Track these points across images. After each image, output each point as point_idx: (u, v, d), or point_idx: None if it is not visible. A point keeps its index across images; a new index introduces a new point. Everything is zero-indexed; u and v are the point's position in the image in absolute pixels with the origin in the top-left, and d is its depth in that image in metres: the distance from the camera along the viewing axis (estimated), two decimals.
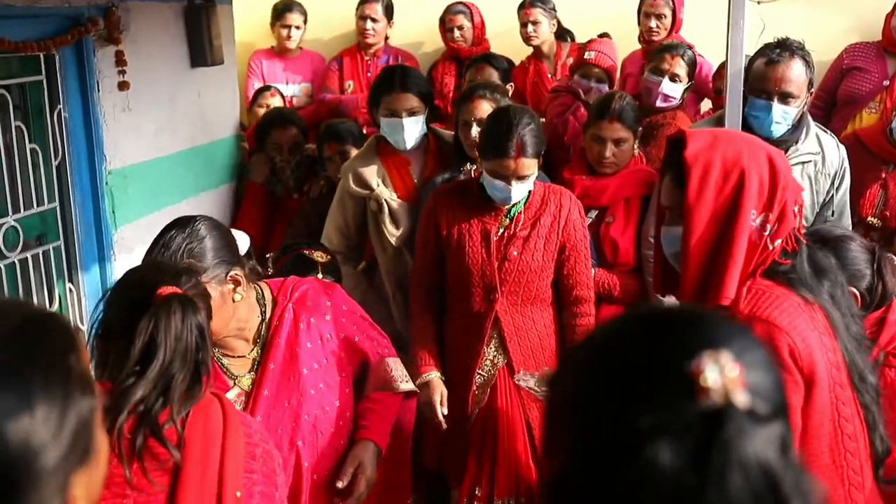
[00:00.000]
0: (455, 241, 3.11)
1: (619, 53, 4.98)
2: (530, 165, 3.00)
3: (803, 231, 2.04)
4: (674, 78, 4.18)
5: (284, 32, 5.51)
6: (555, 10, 5.27)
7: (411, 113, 3.61)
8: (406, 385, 2.58)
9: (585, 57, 4.53)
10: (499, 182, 3.01)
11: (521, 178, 3.00)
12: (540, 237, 3.09)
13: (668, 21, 4.96)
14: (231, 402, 1.89)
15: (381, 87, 3.70)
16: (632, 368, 0.96)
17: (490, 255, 3.08)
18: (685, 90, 4.25)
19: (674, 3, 4.98)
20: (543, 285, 3.14)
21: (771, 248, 1.91)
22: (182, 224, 2.21)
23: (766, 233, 1.90)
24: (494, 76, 4.47)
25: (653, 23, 4.95)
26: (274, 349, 2.33)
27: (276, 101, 5.07)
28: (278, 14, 5.55)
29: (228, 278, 2.20)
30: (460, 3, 5.39)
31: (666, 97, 4.19)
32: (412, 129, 3.62)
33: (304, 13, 5.58)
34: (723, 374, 0.91)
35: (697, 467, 0.88)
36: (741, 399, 0.90)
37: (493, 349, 3.14)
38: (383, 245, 3.66)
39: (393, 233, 3.62)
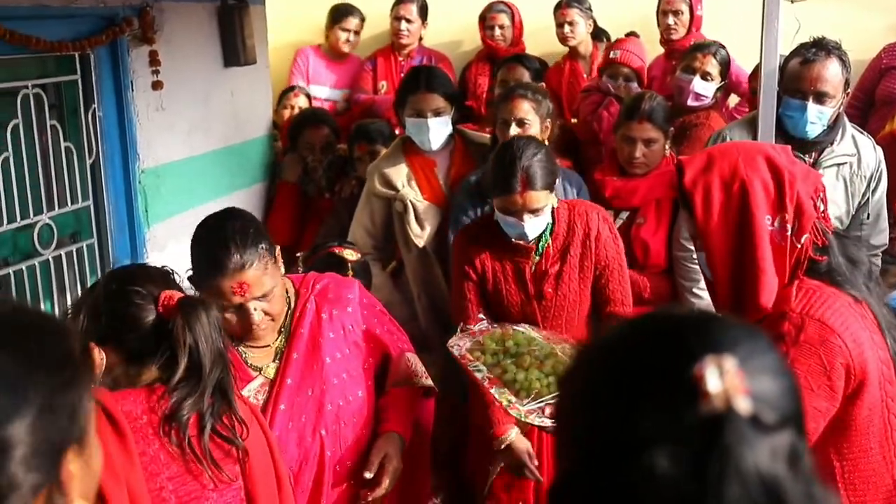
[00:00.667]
0: (491, 283, 2.99)
1: (647, 56, 4.96)
2: (540, 198, 2.83)
3: (832, 224, 2.03)
4: (705, 76, 4.15)
5: (343, 36, 5.46)
6: (591, 11, 5.25)
7: (437, 113, 3.61)
8: (427, 381, 2.56)
9: (612, 56, 4.51)
10: (510, 219, 2.86)
11: (532, 211, 2.84)
12: (573, 268, 2.95)
13: (685, 17, 4.94)
14: None
15: (407, 87, 3.71)
16: (636, 371, 0.95)
17: (528, 293, 2.97)
18: (717, 89, 4.21)
19: (691, 0, 4.95)
20: (584, 311, 3.02)
21: (799, 245, 1.89)
22: (222, 214, 2.30)
23: (789, 232, 1.88)
24: (526, 76, 4.46)
25: (670, 20, 4.94)
26: (297, 339, 2.36)
27: (300, 102, 5.06)
28: (337, 17, 5.49)
29: (276, 253, 2.30)
30: (502, 2, 5.37)
31: (697, 96, 4.15)
32: (437, 130, 3.62)
33: (363, 18, 5.54)
34: (724, 378, 0.89)
35: (696, 475, 0.86)
36: (743, 405, 0.88)
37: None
38: (409, 246, 3.65)
39: (418, 234, 3.61)
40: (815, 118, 3.16)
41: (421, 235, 3.61)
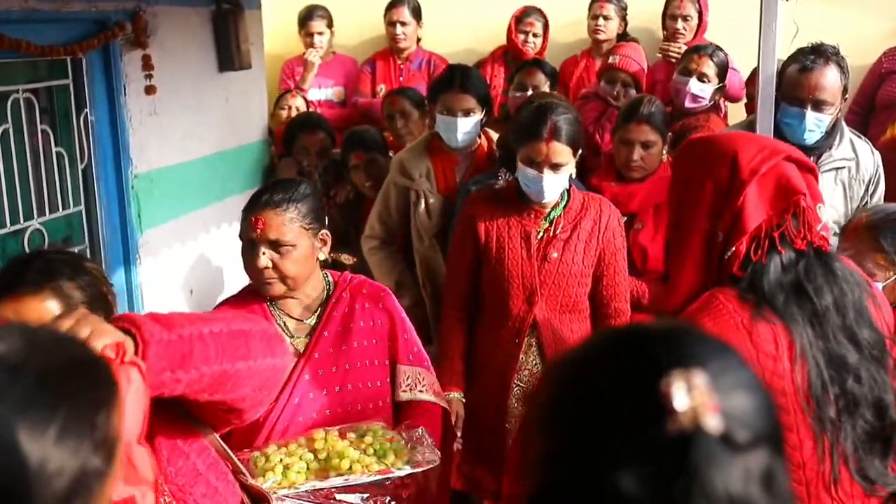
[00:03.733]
0: (494, 243, 3.04)
1: (648, 60, 4.94)
2: (563, 152, 2.92)
3: (819, 240, 1.88)
4: (702, 78, 4.14)
5: (308, 40, 5.49)
6: (626, 11, 5.25)
7: (467, 112, 3.70)
8: (405, 395, 2.56)
9: (610, 61, 4.50)
10: (531, 171, 2.93)
11: (553, 166, 2.92)
12: (580, 240, 3.02)
13: (693, 23, 4.94)
14: None
15: (441, 84, 3.81)
16: (603, 387, 0.91)
17: (531, 256, 3.00)
18: (715, 91, 4.19)
19: (700, 5, 4.93)
20: (582, 293, 3.06)
21: (727, 255, 1.82)
22: (289, 181, 2.51)
23: (719, 239, 1.84)
24: (543, 81, 4.44)
25: (679, 24, 4.93)
26: (330, 320, 2.48)
27: (298, 103, 5.05)
28: (302, 22, 5.55)
29: (320, 234, 2.44)
30: (538, 10, 5.36)
31: (694, 97, 4.14)
32: (465, 128, 3.70)
33: (328, 17, 5.55)
34: (693, 395, 0.84)
35: (661, 497, 0.82)
36: (713, 423, 0.84)
37: (531, 358, 3.06)
38: (420, 235, 3.78)
39: (426, 225, 3.74)
40: (814, 126, 3.14)
41: (428, 227, 3.74)
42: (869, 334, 1.79)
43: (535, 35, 5.31)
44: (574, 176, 3.10)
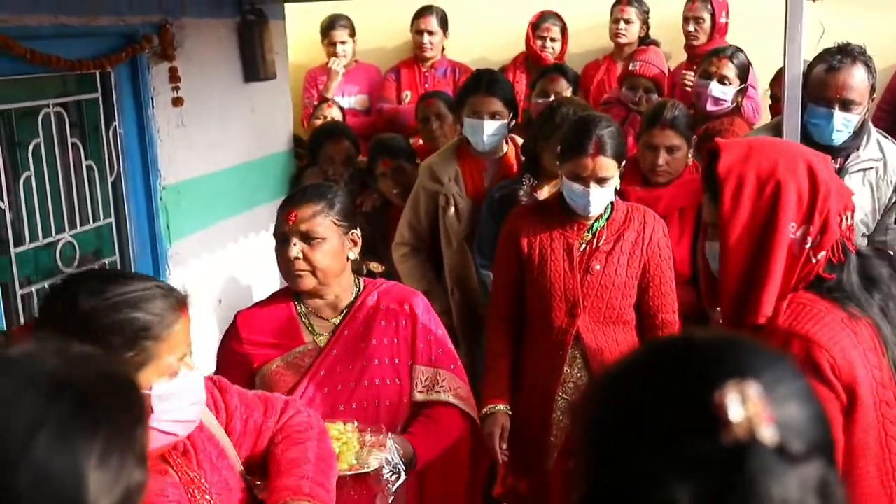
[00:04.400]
0: (537, 256, 3.03)
1: (673, 63, 4.93)
2: (609, 167, 2.90)
3: (855, 239, 1.96)
4: (722, 80, 4.13)
5: (331, 50, 5.52)
6: (648, 14, 5.25)
7: (493, 116, 3.73)
8: (420, 395, 2.56)
9: (630, 68, 4.49)
10: (577, 186, 2.92)
11: (599, 180, 2.90)
12: (623, 252, 2.99)
13: (706, 25, 4.94)
14: None
15: (469, 88, 3.86)
16: (654, 399, 0.90)
17: (573, 268, 2.98)
18: (737, 93, 4.17)
19: (713, 7, 4.92)
20: (626, 304, 3.02)
21: (814, 261, 1.83)
22: (322, 184, 2.68)
23: (808, 245, 1.82)
24: (566, 88, 4.44)
25: (691, 26, 4.94)
26: (353, 319, 2.53)
27: (334, 113, 5.07)
28: (324, 31, 5.57)
29: (350, 234, 2.51)
30: (555, 14, 5.37)
31: (716, 100, 4.12)
32: (491, 131, 3.74)
33: (351, 26, 5.57)
34: (747, 406, 0.84)
35: None
36: (768, 434, 0.83)
37: (576, 370, 3.02)
38: (448, 240, 3.81)
39: (455, 229, 3.77)
40: (842, 126, 3.12)
41: (458, 230, 3.77)
42: None
43: (552, 40, 5.31)
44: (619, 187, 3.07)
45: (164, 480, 1.71)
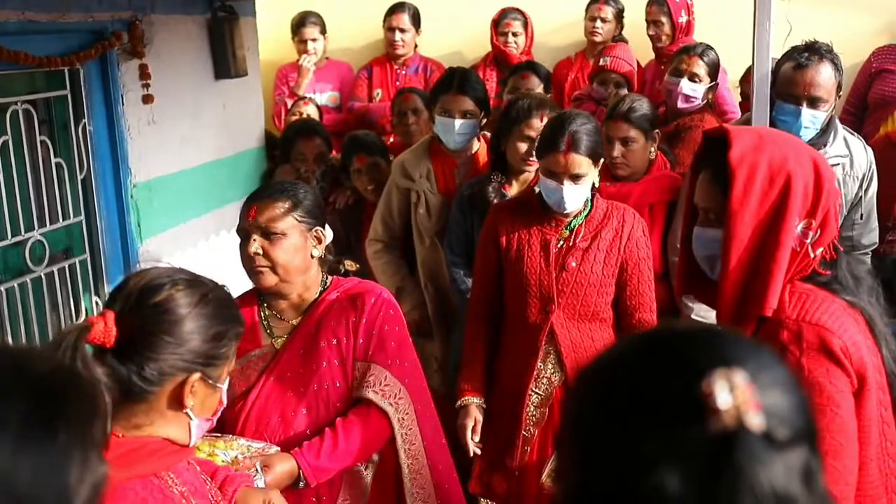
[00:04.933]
0: (514, 251, 3.04)
1: (643, 61, 4.96)
2: (582, 163, 2.90)
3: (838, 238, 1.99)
4: (693, 78, 4.16)
5: (301, 47, 5.50)
6: (622, 13, 5.28)
7: (464, 115, 3.75)
8: (362, 391, 2.45)
9: (601, 63, 4.52)
10: (551, 182, 2.93)
11: (573, 177, 2.91)
12: (600, 250, 3.00)
13: (666, 27, 4.96)
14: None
15: (441, 87, 3.87)
16: (641, 388, 0.91)
17: (549, 264, 2.99)
18: (708, 90, 4.21)
19: (669, 9, 4.95)
20: (602, 302, 3.03)
21: (812, 255, 1.85)
22: (287, 181, 2.63)
23: (808, 240, 1.84)
24: (538, 85, 4.46)
25: (651, 30, 4.99)
26: (310, 319, 2.49)
27: (310, 110, 5.06)
28: (295, 29, 5.56)
29: (314, 231, 2.47)
30: (517, 9, 5.39)
31: (687, 97, 4.16)
32: (462, 130, 3.76)
33: (321, 23, 5.56)
34: (735, 393, 0.85)
35: (708, 495, 0.83)
36: (755, 422, 0.85)
37: (549, 366, 3.02)
38: (421, 236, 3.83)
39: (426, 225, 3.79)
40: (809, 123, 3.16)
41: (429, 226, 3.79)
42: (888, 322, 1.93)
43: (514, 34, 5.33)
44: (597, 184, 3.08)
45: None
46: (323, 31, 5.57)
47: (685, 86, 4.15)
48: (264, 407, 2.42)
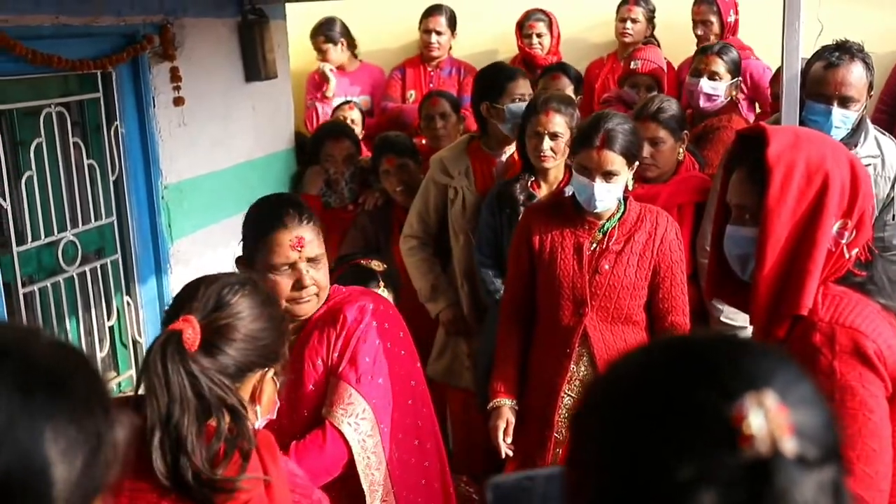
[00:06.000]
0: (547, 253, 3.03)
1: (677, 62, 4.94)
2: (615, 161, 2.89)
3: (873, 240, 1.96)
4: (713, 76, 4.13)
5: (319, 56, 5.51)
6: (653, 14, 5.26)
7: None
8: (324, 410, 2.34)
9: (632, 67, 4.51)
10: (583, 179, 2.92)
11: (605, 174, 2.90)
12: (633, 253, 2.98)
13: (715, 27, 4.93)
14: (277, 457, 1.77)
15: (502, 75, 3.89)
16: (664, 412, 0.87)
17: (581, 267, 2.99)
18: (731, 86, 4.17)
19: (719, 8, 4.92)
20: (635, 305, 3.02)
21: (847, 256, 1.83)
22: (277, 194, 2.60)
23: (844, 241, 1.82)
24: (568, 86, 4.45)
25: (700, 30, 4.94)
26: (298, 342, 2.37)
27: (354, 115, 5.06)
28: (312, 37, 5.56)
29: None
30: (540, 10, 5.38)
31: (708, 97, 4.13)
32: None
33: (342, 25, 5.55)
34: (768, 418, 0.82)
35: None
36: (789, 447, 0.82)
37: (582, 368, 3.03)
38: (456, 234, 3.83)
39: (461, 222, 3.80)
40: (840, 122, 3.13)
41: (462, 224, 3.79)
42: None
43: (538, 36, 5.32)
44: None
45: None
46: (334, 42, 5.53)
47: (705, 84, 4.12)
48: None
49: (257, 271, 2.29)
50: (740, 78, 4.26)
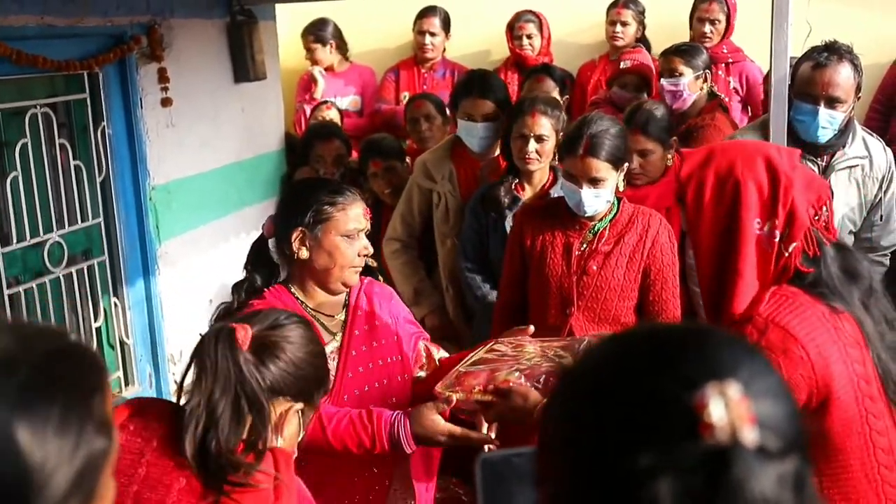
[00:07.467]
0: (538, 253, 3.03)
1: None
2: (600, 168, 2.87)
3: (839, 233, 1.97)
4: (672, 74, 4.12)
5: (309, 56, 5.50)
6: (643, 16, 5.25)
7: (486, 118, 3.73)
8: (419, 373, 2.57)
9: (621, 67, 4.50)
10: (570, 184, 2.92)
11: (591, 181, 2.88)
12: (623, 255, 2.97)
13: (721, 26, 4.91)
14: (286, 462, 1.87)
15: (461, 90, 3.87)
16: (627, 399, 0.88)
17: (569, 267, 2.98)
18: (695, 79, 4.13)
19: (728, 9, 4.91)
20: (624, 306, 3.00)
21: (786, 253, 1.84)
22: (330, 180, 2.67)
23: (777, 239, 1.83)
24: (553, 88, 4.44)
25: (707, 28, 4.90)
26: (357, 317, 2.49)
27: (331, 114, 5.06)
28: (302, 38, 5.55)
29: None
30: (530, 11, 5.38)
31: (672, 93, 4.11)
32: (485, 133, 3.75)
33: (335, 27, 5.55)
34: (729, 408, 0.83)
35: None
36: (750, 437, 0.82)
37: None
38: (442, 238, 3.81)
39: (444, 227, 3.78)
40: (827, 123, 3.13)
41: (445, 229, 3.78)
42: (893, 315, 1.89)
43: (529, 37, 5.31)
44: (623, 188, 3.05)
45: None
46: (324, 43, 5.53)
47: (665, 83, 4.12)
48: (349, 401, 2.39)
49: (310, 244, 2.36)
50: (707, 70, 4.22)
